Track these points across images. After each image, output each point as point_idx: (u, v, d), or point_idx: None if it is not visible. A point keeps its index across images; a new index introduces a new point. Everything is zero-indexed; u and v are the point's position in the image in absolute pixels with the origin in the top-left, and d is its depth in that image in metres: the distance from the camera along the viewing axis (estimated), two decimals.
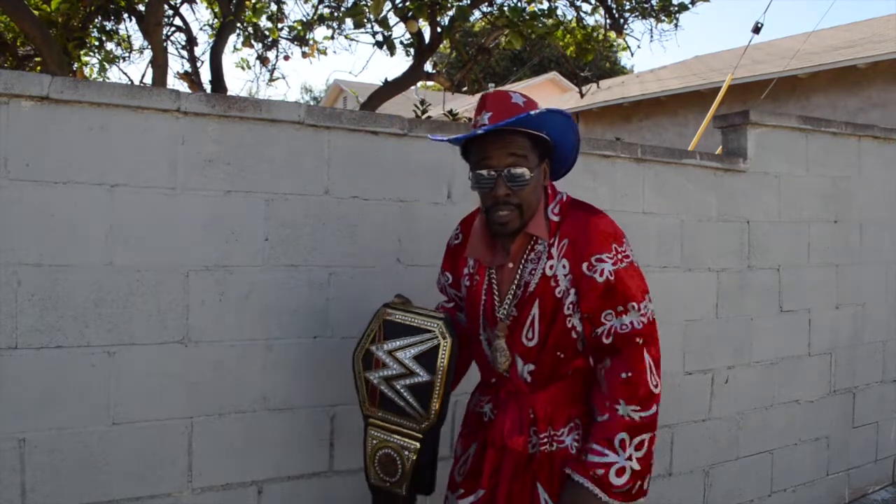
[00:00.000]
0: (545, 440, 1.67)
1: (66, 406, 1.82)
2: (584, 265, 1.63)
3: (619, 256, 1.64)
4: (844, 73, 9.06)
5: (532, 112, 1.62)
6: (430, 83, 6.91)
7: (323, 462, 2.17)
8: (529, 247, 1.70)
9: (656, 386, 1.65)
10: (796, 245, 3.30)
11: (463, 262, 1.83)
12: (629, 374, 1.61)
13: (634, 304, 1.63)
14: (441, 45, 5.42)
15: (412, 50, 5.50)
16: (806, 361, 3.35)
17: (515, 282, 1.69)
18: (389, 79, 5.49)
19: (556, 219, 1.69)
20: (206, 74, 6.06)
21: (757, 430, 3.20)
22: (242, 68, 6.86)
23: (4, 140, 1.75)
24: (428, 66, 5.66)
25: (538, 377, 1.69)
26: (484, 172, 1.63)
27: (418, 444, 1.70)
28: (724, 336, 3.07)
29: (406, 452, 1.71)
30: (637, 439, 1.60)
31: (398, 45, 5.44)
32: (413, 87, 5.84)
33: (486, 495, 1.72)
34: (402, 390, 1.72)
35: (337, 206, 2.18)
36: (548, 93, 19.20)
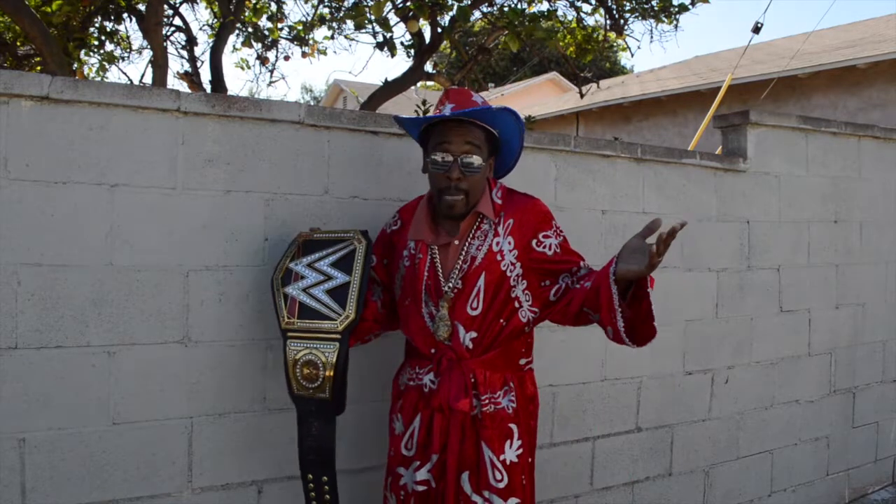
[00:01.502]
0: (486, 402, 1.84)
1: (66, 406, 1.82)
2: (534, 241, 1.87)
3: (558, 231, 1.91)
4: (844, 74, 9.06)
5: (494, 107, 1.80)
6: (430, 83, 6.91)
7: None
8: (476, 226, 1.88)
9: None
10: (796, 245, 3.30)
11: (402, 246, 1.97)
12: None
13: (582, 262, 1.90)
14: (441, 46, 5.42)
15: (412, 50, 5.50)
16: (806, 361, 3.36)
17: (461, 257, 1.86)
18: (389, 79, 5.49)
19: (499, 202, 1.90)
20: (205, 74, 6.06)
21: (757, 430, 3.20)
22: (242, 68, 6.85)
23: (4, 140, 1.75)
24: (428, 67, 5.66)
25: (479, 344, 1.85)
26: (440, 157, 1.80)
27: (337, 345, 1.80)
28: (724, 336, 3.07)
29: (327, 354, 1.80)
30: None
31: (398, 46, 5.43)
32: (413, 88, 5.84)
33: (439, 460, 1.84)
34: (319, 295, 1.85)
35: (337, 206, 2.18)
36: (548, 93, 19.21)
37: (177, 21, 6.21)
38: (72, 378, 1.82)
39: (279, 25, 6.31)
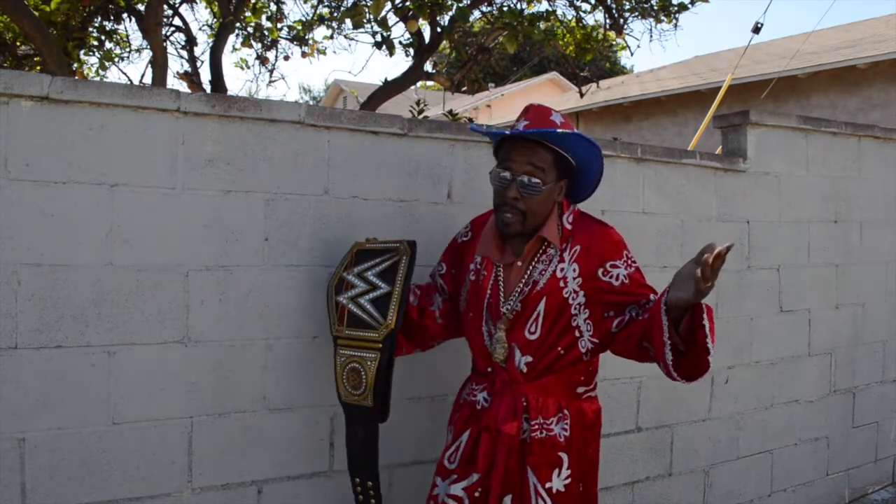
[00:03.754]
0: (536, 427, 1.79)
1: (66, 406, 1.82)
2: (600, 270, 1.79)
3: (629, 261, 1.82)
4: (844, 73, 9.06)
5: (559, 130, 1.74)
6: (429, 83, 6.90)
7: (323, 462, 2.17)
8: (541, 250, 1.83)
9: None
10: (796, 245, 3.30)
11: (469, 259, 1.94)
12: None
13: (652, 294, 1.80)
14: (441, 46, 5.42)
15: (412, 50, 5.50)
16: (806, 361, 3.36)
17: (524, 279, 1.82)
18: (389, 79, 5.49)
19: (569, 227, 1.84)
20: (205, 74, 6.05)
21: (757, 430, 3.20)
22: (242, 68, 6.84)
23: (4, 140, 1.74)
24: (428, 66, 5.66)
25: (534, 369, 1.81)
26: (502, 173, 1.77)
27: (378, 354, 1.86)
28: (724, 336, 3.07)
29: (369, 363, 1.86)
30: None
31: (398, 46, 5.43)
32: (413, 87, 5.84)
33: (481, 479, 1.80)
34: (365, 304, 1.91)
35: (337, 206, 2.18)
36: (548, 93, 19.21)
37: (176, 21, 6.21)
38: (72, 378, 1.82)
39: (278, 25, 6.30)
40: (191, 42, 6.25)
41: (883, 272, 3.66)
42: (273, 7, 6.15)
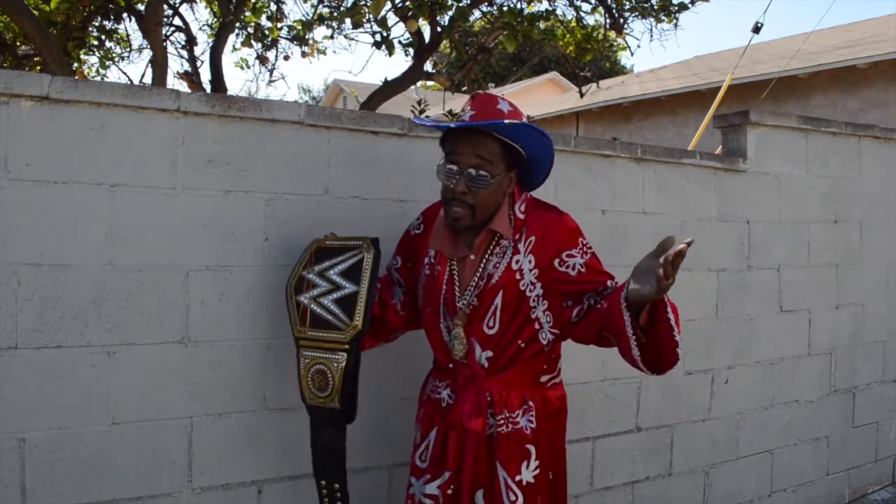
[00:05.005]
0: (502, 422, 1.78)
1: (66, 406, 1.82)
2: (556, 261, 1.77)
3: (585, 249, 1.80)
4: (844, 73, 9.05)
5: (506, 121, 1.68)
6: (429, 83, 6.90)
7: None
8: (494, 241, 1.80)
9: None
10: (796, 245, 3.29)
11: (423, 253, 1.91)
12: None
13: (610, 281, 1.78)
14: (441, 45, 5.42)
15: (411, 50, 5.49)
16: (806, 361, 3.35)
17: (478, 273, 1.79)
18: (389, 79, 5.49)
19: (521, 216, 1.81)
20: (205, 74, 6.05)
21: (757, 430, 3.20)
22: (242, 68, 6.83)
23: (4, 140, 1.74)
24: (428, 66, 5.66)
25: (495, 363, 1.80)
26: (449, 166, 1.72)
27: (345, 355, 1.79)
28: (724, 336, 3.07)
29: (335, 364, 1.79)
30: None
31: (397, 46, 5.43)
32: (413, 88, 5.83)
33: (452, 477, 1.80)
34: (329, 304, 1.83)
35: (337, 206, 2.18)
36: (548, 93, 19.20)
37: (177, 21, 6.21)
38: (72, 378, 1.82)
39: (278, 25, 6.30)
40: (191, 42, 6.25)
41: (883, 272, 3.66)
42: (273, 7, 6.15)
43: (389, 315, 1.95)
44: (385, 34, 5.07)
